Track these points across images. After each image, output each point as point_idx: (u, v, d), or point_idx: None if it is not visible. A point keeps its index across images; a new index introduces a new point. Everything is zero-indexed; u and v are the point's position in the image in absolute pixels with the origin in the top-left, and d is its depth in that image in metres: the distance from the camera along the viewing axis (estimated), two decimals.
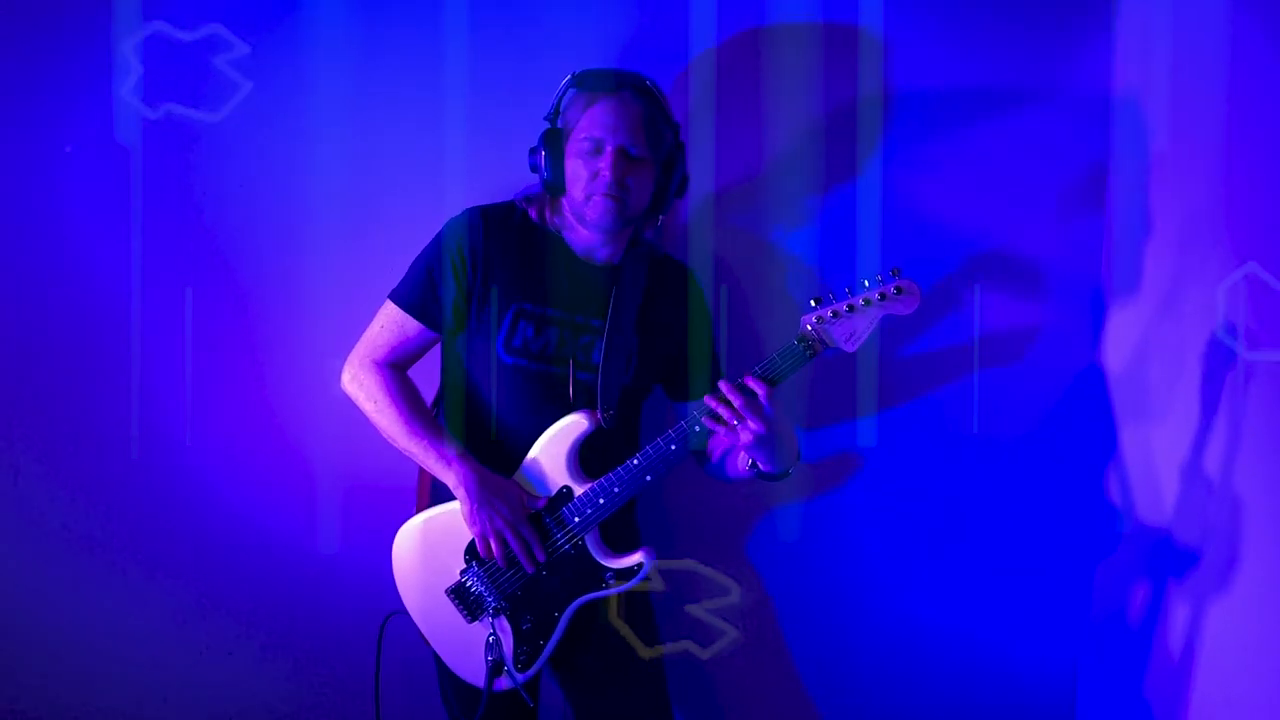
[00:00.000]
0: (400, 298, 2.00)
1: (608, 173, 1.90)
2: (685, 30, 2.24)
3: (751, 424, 1.81)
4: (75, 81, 2.22)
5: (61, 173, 2.24)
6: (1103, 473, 2.30)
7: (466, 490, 1.90)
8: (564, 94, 1.98)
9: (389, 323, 2.00)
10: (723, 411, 1.82)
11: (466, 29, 2.23)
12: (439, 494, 2.01)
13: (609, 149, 1.90)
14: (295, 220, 2.27)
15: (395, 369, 2.01)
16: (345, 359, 2.04)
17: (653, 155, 1.94)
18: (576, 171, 1.93)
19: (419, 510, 2.03)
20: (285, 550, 2.32)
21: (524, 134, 2.05)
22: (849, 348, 1.83)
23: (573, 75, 1.97)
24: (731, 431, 1.83)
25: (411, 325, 1.99)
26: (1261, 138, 1.81)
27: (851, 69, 2.23)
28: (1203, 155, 1.96)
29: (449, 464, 1.93)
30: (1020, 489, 2.34)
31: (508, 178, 2.12)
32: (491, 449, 1.98)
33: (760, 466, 1.92)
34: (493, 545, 1.91)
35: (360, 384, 2.00)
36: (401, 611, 2.02)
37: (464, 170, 2.22)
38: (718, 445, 2.01)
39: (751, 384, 1.81)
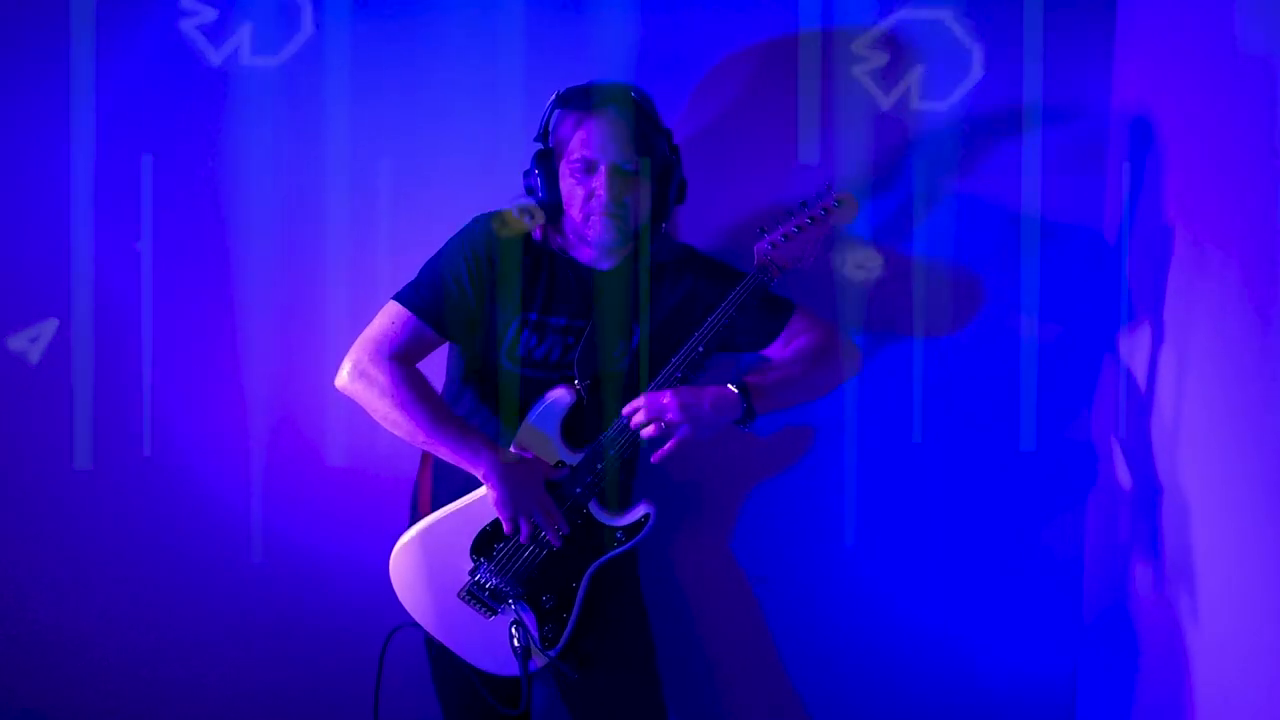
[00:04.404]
0: (413, 302, 1.95)
1: (603, 192, 1.91)
2: (705, 36, 2.26)
3: (685, 429, 1.93)
4: None
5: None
6: (1097, 457, 2.31)
7: (499, 477, 1.91)
8: (550, 114, 1.97)
9: (399, 322, 1.95)
10: (651, 431, 1.93)
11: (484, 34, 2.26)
12: (439, 497, 2.02)
13: (602, 167, 1.91)
14: (292, 219, 2.29)
15: (408, 363, 1.96)
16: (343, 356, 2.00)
17: (647, 167, 1.95)
18: (573, 191, 1.94)
19: (418, 514, 2.04)
20: (285, 550, 2.34)
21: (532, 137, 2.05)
22: (804, 266, 1.98)
23: (557, 95, 1.96)
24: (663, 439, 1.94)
25: (424, 329, 1.95)
26: (1264, 146, 1.81)
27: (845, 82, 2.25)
28: (1203, 167, 1.97)
29: (478, 454, 1.92)
30: (1018, 484, 2.34)
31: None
32: None
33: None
34: (523, 526, 1.93)
35: (371, 379, 1.91)
36: (405, 626, 2.02)
37: (471, 172, 2.24)
38: None
39: (654, 399, 1.91)
